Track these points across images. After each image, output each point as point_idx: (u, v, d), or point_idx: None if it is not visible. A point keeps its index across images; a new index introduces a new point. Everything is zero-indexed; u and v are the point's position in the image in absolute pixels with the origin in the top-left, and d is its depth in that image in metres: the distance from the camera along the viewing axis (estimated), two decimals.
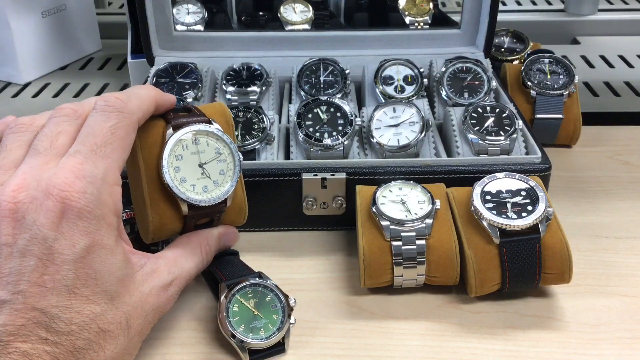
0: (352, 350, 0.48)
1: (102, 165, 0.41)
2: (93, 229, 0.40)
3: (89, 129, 0.42)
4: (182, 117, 0.49)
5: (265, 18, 0.88)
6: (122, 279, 0.41)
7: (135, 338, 0.42)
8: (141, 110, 0.46)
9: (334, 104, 0.64)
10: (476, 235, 0.51)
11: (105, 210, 0.41)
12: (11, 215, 0.39)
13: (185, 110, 0.51)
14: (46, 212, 0.39)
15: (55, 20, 0.98)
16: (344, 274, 0.55)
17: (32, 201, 0.39)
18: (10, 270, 0.38)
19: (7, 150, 0.43)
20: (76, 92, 0.94)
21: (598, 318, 0.50)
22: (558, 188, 0.66)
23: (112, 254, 0.41)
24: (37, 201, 0.39)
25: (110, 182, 0.42)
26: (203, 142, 0.49)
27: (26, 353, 0.37)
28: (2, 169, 0.42)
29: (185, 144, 0.49)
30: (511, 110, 0.63)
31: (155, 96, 0.48)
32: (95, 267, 0.40)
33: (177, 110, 0.50)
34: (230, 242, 0.53)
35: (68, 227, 0.39)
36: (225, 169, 0.50)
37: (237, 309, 0.47)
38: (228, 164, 0.50)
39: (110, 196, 0.41)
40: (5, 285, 0.38)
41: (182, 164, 0.48)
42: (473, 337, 0.49)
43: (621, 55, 1.02)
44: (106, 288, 0.40)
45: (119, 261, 0.41)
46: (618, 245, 0.59)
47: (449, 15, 0.85)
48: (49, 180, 0.39)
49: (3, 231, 0.39)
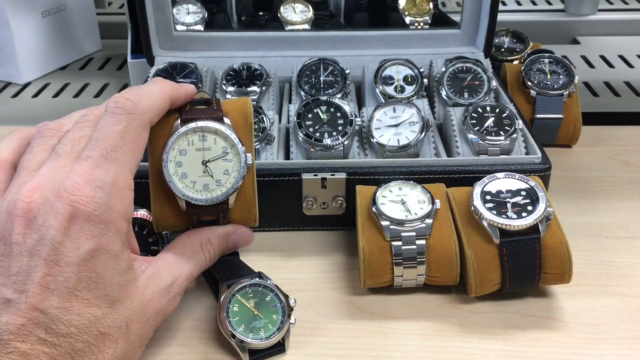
0: (352, 350, 0.48)
1: (113, 170, 0.41)
2: (99, 233, 0.40)
3: (99, 133, 0.43)
4: (195, 112, 0.49)
5: (265, 18, 0.88)
6: (124, 285, 0.41)
7: (135, 342, 0.42)
8: (153, 109, 0.45)
9: (334, 104, 0.64)
10: (476, 235, 0.51)
11: (114, 215, 0.41)
12: (24, 215, 0.39)
13: (205, 103, 0.50)
14: (56, 215, 0.39)
15: (55, 20, 0.98)
16: (344, 274, 0.55)
17: (45, 202, 0.40)
18: (19, 269, 0.39)
19: (33, 153, 0.44)
20: (76, 92, 0.94)
21: (598, 318, 0.50)
22: (558, 188, 0.66)
23: (116, 259, 0.41)
24: (49, 203, 0.40)
25: (121, 186, 0.42)
26: (210, 140, 0.48)
27: (25, 353, 0.37)
28: (26, 170, 0.43)
29: (191, 140, 0.48)
30: (511, 110, 0.63)
31: (170, 92, 0.47)
32: (98, 271, 0.40)
33: (195, 103, 0.50)
34: (241, 242, 0.52)
35: (75, 230, 0.39)
36: (230, 169, 0.49)
37: (237, 309, 0.47)
38: (234, 164, 0.49)
39: (120, 201, 0.41)
40: (12, 284, 0.38)
41: (185, 159, 0.48)
42: (473, 337, 0.49)
43: (621, 55, 1.02)
44: (107, 292, 0.40)
45: (122, 267, 0.41)
46: (618, 245, 0.59)
47: (449, 15, 0.85)
48: (61, 184, 0.40)
49: (15, 230, 0.39)
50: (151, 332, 0.44)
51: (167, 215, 0.49)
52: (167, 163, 0.47)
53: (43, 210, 0.39)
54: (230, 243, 0.51)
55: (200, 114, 0.49)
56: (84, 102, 0.91)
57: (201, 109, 0.49)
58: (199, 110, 0.49)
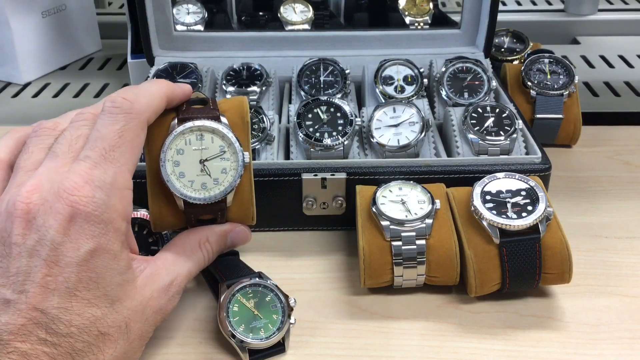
0: (352, 350, 0.48)
1: (112, 170, 0.41)
2: (99, 233, 0.40)
3: (97, 133, 0.43)
4: (192, 111, 0.49)
5: (265, 18, 0.88)
6: (123, 284, 0.41)
7: (135, 342, 0.42)
8: (150, 108, 0.45)
9: (334, 104, 0.64)
10: (476, 235, 0.51)
11: (114, 214, 0.41)
12: (23, 216, 0.39)
13: (201, 103, 0.50)
14: (55, 215, 0.39)
15: (55, 20, 0.98)
16: (344, 274, 0.55)
17: (44, 203, 0.40)
18: (18, 270, 0.39)
19: (29, 152, 0.44)
20: (76, 92, 0.94)
21: (598, 318, 0.50)
22: (558, 188, 0.66)
23: (115, 259, 0.41)
24: (48, 203, 0.40)
25: (120, 186, 0.42)
26: (208, 139, 0.48)
27: (25, 353, 0.37)
28: (23, 170, 0.43)
29: (188, 139, 0.48)
30: (511, 110, 0.63)
31: (167, 91, 0.47)
32: (98, 271, 0.40)
33: (192, 102, 0.50)
34: (239, 240, 0.52)
35: (75, 230, 0.39)
36: (228, 167, 0.49)
37: (237, 309, 0.47)
38: (231, 163, 0.49)
39: (120, 201, 0.41)
40: (11, 284, 0.38)
41: (183, 158, 0.48)
42: (473, 337, 0.49)
43: (621, 55, 1.02)
44: (107, 292, 0.40)
45: (121, 266, 0.41)
46: (618, 245, 0.59)
47: (449, 15, 0.85)
48: (60, 184, 0.40)
49: (14, 231, 0.39)
50: (151, 331, 0.44)
51: (165, 215, 0.49)
52: (164, 162, 0.47)
53: (42, 210, 0.39)
54: (229, 242, 0.51)
55: (197, 113, 0.49)
56: (84, 102, 0.91)
57: (198, 109, 0.49)
58: (196, 110, 0.49)
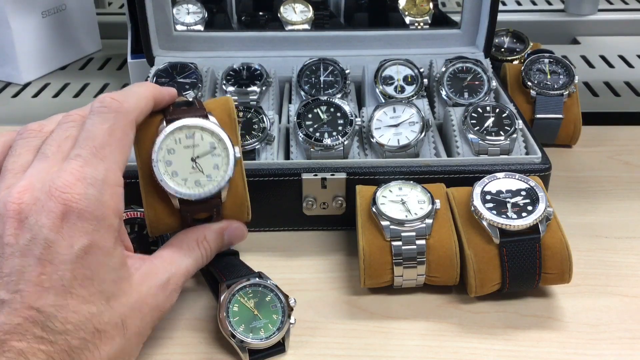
0: (352, 350, 0.48)
1: (103, 167, 0.42)
2: (92, 229, 0.40)
3: (87, 133, 0.43)
4: (179, 112, 0.49)
5: (265, 18, 0.88)
6: (118, 281, 0.41)
7: (132, 339, 0.42)
8: (138, 108, 0.46)
9: (334, 104, 0.64)
10: (476, 235, 0.51)
11: (107, 211, 0.41)
12: (15, 216, 0.39)
13: (187, 104, 0.50)
14: (48, 213, 0.39)
15: (55, 20, 0.98)
16: (344, 274, 0.55)
17: (36, 202, 0.40)
18: (11, 270, 0.39)
19: (17, 154, 0.44)
20: (76, 92, 0.94)
21: (598, 318, 0.50)
22: (558, 188, 0.66)
23: (109, 256, 0.41)
24: (40, 202, 0.40)
25: (111, 183, 0.42)
26: (197, 136, 0.49)
27: (21, 352, 0.37)
28: (12, 172, 0.43)
29: (178, 138, 0.48)
30: (511, 110, 0.63)
31: (154, 92, 0.48)
32: (92, 267, 0.40)
33: (178, 105, 0.50)
34: (236, 237, 0.52)
35: (68, 228, 0.39)
36: (219, 163, 0.49)
37: (237, 309, 0.47)
38: (222, 158, 0.49)
39: (112, 197, 0.42)
40: (5, 284, 0.38)
41: (174, 157, 0.48)
42: (473, 337, 0.49)
43: (621, 55, 1.02)
44: (102, 289, 0.40)
45: (115, 263, 0.41)
46: (618, 245, 0.59)
47: (449, 15, 0.85)
48: (52, 183, 0.40)
49: (7, 231, 0.39)
50: (149, 329, 0.44)
51: (160, 217, 0.49)
52: (157, 163, 0.47)
53: (34, 210, 0.39)
54: (226, 239, 0.51)
55: (184, 113, 0.49)
56: (84, 102, 0.90)
57: (185, 109, 0.50)
58: (183, 110, 0.49)
